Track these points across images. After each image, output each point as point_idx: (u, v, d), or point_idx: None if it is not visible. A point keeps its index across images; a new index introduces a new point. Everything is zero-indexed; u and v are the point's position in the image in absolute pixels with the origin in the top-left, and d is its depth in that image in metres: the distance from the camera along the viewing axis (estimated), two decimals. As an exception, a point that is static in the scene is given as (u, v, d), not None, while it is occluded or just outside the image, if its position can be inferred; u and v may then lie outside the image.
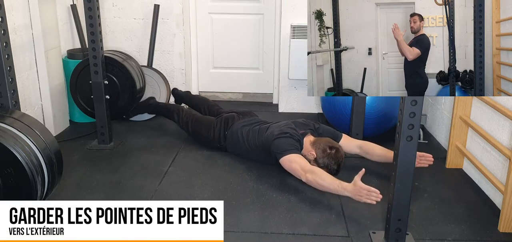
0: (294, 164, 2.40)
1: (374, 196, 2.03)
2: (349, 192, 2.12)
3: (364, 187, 2.06)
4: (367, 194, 2.05)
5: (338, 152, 2.46)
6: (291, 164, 2.41)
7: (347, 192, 2.13)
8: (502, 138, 2.28)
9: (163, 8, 3.69)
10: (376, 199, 2.03)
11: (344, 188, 2.14)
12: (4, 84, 1.86)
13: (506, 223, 2.07)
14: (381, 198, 2.02)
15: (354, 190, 2.09)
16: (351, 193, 2.11)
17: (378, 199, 2.03)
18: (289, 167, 2.43)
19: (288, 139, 2.51)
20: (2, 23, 1.81)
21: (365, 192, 2.05)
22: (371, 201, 2.04)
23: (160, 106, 3.38)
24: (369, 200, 2.05)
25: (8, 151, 1.67)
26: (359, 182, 2.08)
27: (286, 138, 2.52)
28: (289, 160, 2.42)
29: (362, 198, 2.07)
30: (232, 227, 2.10)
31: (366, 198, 2.05)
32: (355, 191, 2.09)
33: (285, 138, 2.51)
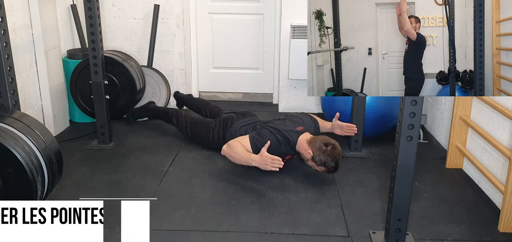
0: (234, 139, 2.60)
1: (277, 163, 2.24)
2: (256, 162, 2.33)
3: (269, 156, 2.28)
4: (272, 162, 2.26)
5: (334, 148, 2.46)
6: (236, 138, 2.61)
7: (254, 162, 2.34)
8: (502, 138, 2.28)
9: (163, 8, 3.69)
10: (279, 165, 2.25)
11: (252, 159, 2.36)
12: (4, 84, 1.86)
13: (506, 223, 2.07)
14: (283, 164, 2.27)
15: (261, 159, 2.31)
16: (258, 163, 2.32)
17: (280, 166, 2.25)
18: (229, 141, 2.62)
19: (266, 129, 2.61)
20: (2, 23, 1.81)
21: (270, 161, 2.27)
22: (275, 168, 2.26)
23: (159, 111, 3.39)
24: (274, 168, 2.25)
25: (8, 151, 1.67)
26: (265, 152, 2.30)
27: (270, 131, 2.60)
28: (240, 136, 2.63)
29: (268, 166, 2.27)
30: (232, 227, 2.10)
31: (271, 166, 2.26)
32: (261, 160, 2.30)
33: (269, 131, 2.60)
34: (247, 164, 2.40)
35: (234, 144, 2.53)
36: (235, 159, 2.48)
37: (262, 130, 2.63)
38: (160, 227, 2.10)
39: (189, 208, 2.26)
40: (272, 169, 2.27)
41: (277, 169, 2.26)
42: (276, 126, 2.63)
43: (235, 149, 2.48)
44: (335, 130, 2.80)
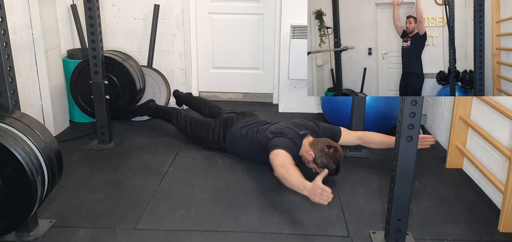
0: (277, 157, 2.39)
1: (325, 196, 2.02)
2: (307, 190, 2.11)
3: (320, 186, 2.04)
4: (321, 193, 2.03)
5: (336, 151, 2.46)
6: (275, 157, 2.40)
7: (306, 191, 2.12)
8: (502, 138, 2.28)
9: (163, 8, 3.69)
10: (327, 199, 2.01)
11: (305, 187, 2.13)
12: (4, 84, 1.85)
13: (506, 223, 2.07)
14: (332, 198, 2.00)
15: (311, 189, 2.08)
16: (308, 192, 2.10)
17: (328, 199, 2.00)
18: (272, 159, 2.42)
19: (284, 138, 2.52)
20: (2, 23, 1.81)
21: (319, 192, 2.04)
22: (323, 201, 2.02)
23: (159, 110, 3.39)
24: (322, 200, 2.03)
25: (8, 151, 1.67)
26: (319, 181, 2.07)
27: (282, 137, 2.53)
28: (275, 154, 2.42)
29: (316, 197, 2.05)
30: (232, 227, 2.10)
31: (319, 198, 2.04)
32: (312, 190, 2.07)
33: (282, 137, 2.53)
34: (299, 191, 2.19)
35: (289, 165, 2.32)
36: (289, 182, 2.26)
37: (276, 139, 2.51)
38: (160, 227, 2.10)
39: (189, 208, 2.26)
40: (320, 202, 2.04)
41: (326, 203, 2.03)
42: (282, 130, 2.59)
43: (290, 171, 2.28)
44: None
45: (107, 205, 2.28)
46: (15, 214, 1.76)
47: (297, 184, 2.18)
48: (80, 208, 2.24)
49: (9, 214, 1.77)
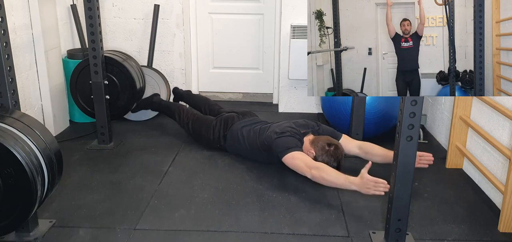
0: (297, 160, 2.40)
1: (382, 187, 2.01)
2: (357, 185, 2.10)
3: (371, 179, 2.03)
4: (375, 185, 2.02)
5: (337, 148, 2.47)
6: (295, 160, 2.41)
7: (355, 186, 2.11)
8: (502, 138, 2.28)
9: (163, 8, 3.69)
10: (384, 189, 2.00)
11: (351, 182, 2.12)
12: (4, 84, 1.85)
13: (506, 223, 2.07)
14: (388, 188, 1.97)
15: (361, 183, 2.07)
16: (358, 186, 2.09)
17: (386, 189, 1.99)
18: (292, 164, 2.42)
19: (289, 137, 2.52)
20: (2, 23, 1.81)
21: (373, 184, 2.03)
22: (380, 192, 2.01)
23: (162, 105, 3.39)
24: (378, 192, 2.02)
25: (8, 151, 1.66)
26: (366, 174, 2.06)
27: (287, 136, 2.52)
28: (292, 157, 2.42)
29: (370, 190, 2.04)
30: (232, 227, 2.10)
31: (374, 190, 2.02)
32: (363, 183, 2.07)
33: (287, 137, 2.52)
34: (346, 187, 2.17)
35: (321, 166, 2.29)
36: (331, 182, 2.24)
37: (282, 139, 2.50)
38: (160, 227, 2.10)
39: (189, 208, 2.26)
40: (375, 193, 2.03)
41: (383, 193, 2.01)
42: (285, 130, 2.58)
43: (327, 171, 2.25)
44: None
45: (107, 205, 2.28)
46: (15, 214, 1.76)
47: (342, 181, 2.18)
48: (80, 208, 2.24)
49: (9, 214, 1.77)
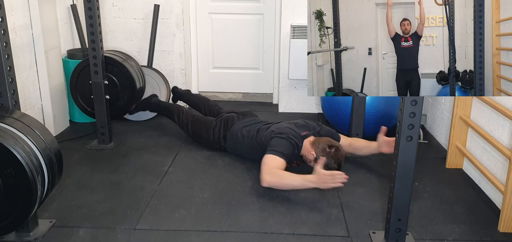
0: (265, 165, 2.36)
1: (338, 178, 2.03)
2: (314, 182, 2.13)
3: (327, 173, 2.07)
4: (332, 179, 2.05)
5: (338, 150, 2.46)
6: (265, 161, 2.38)
7: (313, 183, 2.14)
8: (502, 138, 2.28)
9: (163, 8, 3.69)
10: (342, 180, 2.03)
11: (309, 180, 2.16)
12: (4, 84, 1.85)
13: (506, 223, 2.07)
14: (347, 178, 2.01)
15: (318, 179, 2.12)
16: (316, 183, 2.13)
17: (344, 180, 2.02)
18: (262, 162, 2.40)
19: (284, 140, 2.50)
20: (2, 23, 1.81)
21: (330, 178, 2.06)
22: (338, 185, 2.04)
23: (161, 106, 3.38)
24: (336, 184, 2.05)
25: (8, 151, 1.67)
26: (321, 170, 2.11)
27: (283, 139, 2.51)
28: (267, 157, 2.40)
29: (328, 184, 2.08)
30: (232, 227, 2.10)
31: (332, 183, 2.05)
32: (319, 180, 2.11)
33: (282, 139, 2.51)
34: (304, 187, 2.21)
35: (275, 171, 2.31)
36: (286, 185, 2.28)
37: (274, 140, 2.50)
38: (160, 227, 2.10)
39: (189, 208, 2.26)
40: (335, 185, 2.07)
41: (342, 184, 2.06)
42: (283, 131, 2.57)
43: (282, 175, 2.28)
44: (382, 147, 2.54)
45: (107, 205, 2.28)
46: (15, 214, 1.76)
47: (300, 182, 2.21)
48: (80, 208, 2.24)
49: (9, 214, 1.77)
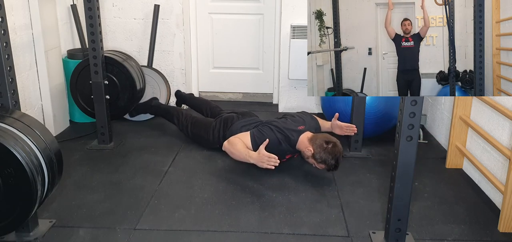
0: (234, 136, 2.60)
1: (273, 162, 2.27)
2: (254, 159, 2.36)
3: (266, 154, 2.30)
4: (268, 160, 2.29)
5: (335, 146, 2.47)
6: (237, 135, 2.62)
7: (252, 160, 2.37)
8: (502, 138, 2.28)
9: (163, 8, 3.69)
10: (274, 163, 2.28)
11: (250, 156, 2.39)
12: (4, 84, 1.85)
13: (506, 223, 2.07)
14: (278, 163, 2.28)
15: (258, 157, 2.33)
16: (255, 160, 2.35)
17: (276, 164, 2.28)
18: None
19: (270, 131, 2.59)
20: (2, 23, 1.81)
21: (266, 158, 2.29)
22: (270, 166, 2.28)
23: (161, 109, 3.39)
24: (269, 166, 2.28)
25: (8, 151, 1.67)
26: (263, 150, 2.32)
27: (270, 129, 2.60)
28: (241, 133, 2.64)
29: (264, 164, 2.30)
30: (232, 227, 2.10)
31: (267, 164, 2.29)
32: (258, 158, 2.33)
33: (269, 129, 2.60)
34: (245, 160, 2.43)
35: (234, 141, 2.54)
36: (235, 155, 2.50)
37: (263, 127, 2.64)
38: (160, 227, 2.10)
39: (189, 208, 2.26)
40: (268, 167, 2.29)
41: (273, 167, 2.29)
42: (277, 124, 2.63)
43: (235, 146, 2.50)
44: (335, 129, 2.80)
45: (107, 205, 2.28)
46: (15, 214, 1.76)
47: (242, 154, 2.44)
48: (80, 208, 2.24)
49: (9, 214, 1.77)
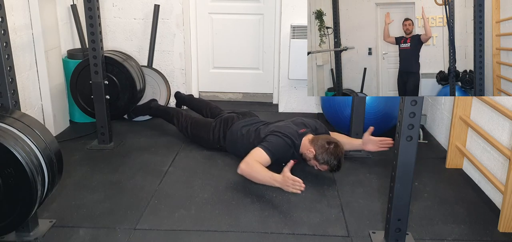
0: (249, 155, 2.45)
1: (298, 186, 2.15)
2: (279, 182, 2.22)
3: (291, 177, 2.17)
4: (293, 183, 2.16)
5: (337, 146, 2.47)
6: (251, 151, 2.47)
7: (277, 183, 2.23)
8: (502, 138, 2.28)
9: (163, 8, 3.69)
10: (300, 188, 2.15)
11: (275, 179, 2.25)
12: (4, 84, 1.85)
13: (506, 223, 2.07)
14: (304, 188, 2.15)
15: (283, 180, 2.20)
16: (280, 184, 2.22)
17: (301, 188, 2.15)
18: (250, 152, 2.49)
19: (279, 139, 2.53)
20: (2, 23, 1.81)
21: (291, 182, 2.16)
22: (296, 191, 2.16)
23: (160, 110, 3.39)
24: (295, 190, 2.16)
25: (8, 151, 1.67)
26: (287, 173, 2.19)
27: (278, 137, 2.54)
28: (254, 149, 2.48)
29: (289, 188, 2.18)
30: (232, 227, 2.10)
31: (292, 188, 2.16)
32: (283, 181, 2.19)
33: (278, 137, 2.54)
34: (269, 184, 2.29)
35: (253, 164, 2.38)
36: (256, 178, 2.35)
37: (269, 137, 2.54)
38: (160, 227, 2.10)
39: (189, 208, 2.26)
40: (293, 191, 2.17)
41: (299, 191, 2.16)
42: (280, 130, 2.59)
43: (255, 169, 2.35)
44: (367, 145, 2.67)
45: (107, 205, 2.28)
46: (15, 214, 1.77)
47: (266, 178, 2.30)
48: (80, 208, 2.24)
49: (9, 214, 1.77)
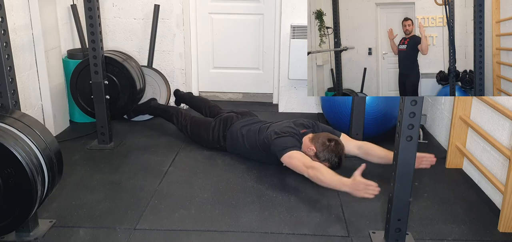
0: (294, 160, 2.41)
1: (371, 190, 2.03)
2: (349, 187, 2.11)
3: (363, 181, 2.05)
4: (365, 188, 2.04)
5: (338, 144, 2.47)
6: (292, 160, 2.42)
7: (347, 188, 2.12)
8: (502, 138, 2.28)
9: (163, 8, 3.69)
10: (374, 192, 2.03)
11: (344, 183, 2.14)
12: (4, 84, 1.85)
13: (506, 223, 2.07)
14: (379, 191, 2.02)
15: (353, 184, 2.09)
16: (350, 188, 2.10)
17: (376, 192, 2.03)
18: (290, 163, 2.43)
19: (288, 137, 2.52)
20: (2, 23, 1.81)
21: (363, 186, 2.05)
22: (369, 195, 2.03)
23: (160, 109, 3.39)
24: (367, 194, 2.04)
25: (8, 151, 1.67)
26: (359, 177, 2.07)
27: (286, 136, 2.53)
28: (289, 157, 2.43)
29: (360, 192, 2.06)
30: (232, 227, 2.10)
31: (365, 192, 2.05)
32: (354, 185, 2.08)
33: (285, 137, 2.52)
34: (338, 188, 2.19)
35: (318, 166, 2.30)
36: (325, 183, 2.25)
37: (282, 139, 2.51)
38: (160, 227, 2.10)
39: (189, 208, 2.26)
40: (365, 196, 2.04)
41: (372, 196, 2.04)
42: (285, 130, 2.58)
43: (322, 172, 2.26)
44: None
45: (107, 205, 2.28)
46: (15, 214, 1.77)
47: (335, 183, 2.19)
48: (80, 208, 2.24)
49: (9, 214, 1.77)
